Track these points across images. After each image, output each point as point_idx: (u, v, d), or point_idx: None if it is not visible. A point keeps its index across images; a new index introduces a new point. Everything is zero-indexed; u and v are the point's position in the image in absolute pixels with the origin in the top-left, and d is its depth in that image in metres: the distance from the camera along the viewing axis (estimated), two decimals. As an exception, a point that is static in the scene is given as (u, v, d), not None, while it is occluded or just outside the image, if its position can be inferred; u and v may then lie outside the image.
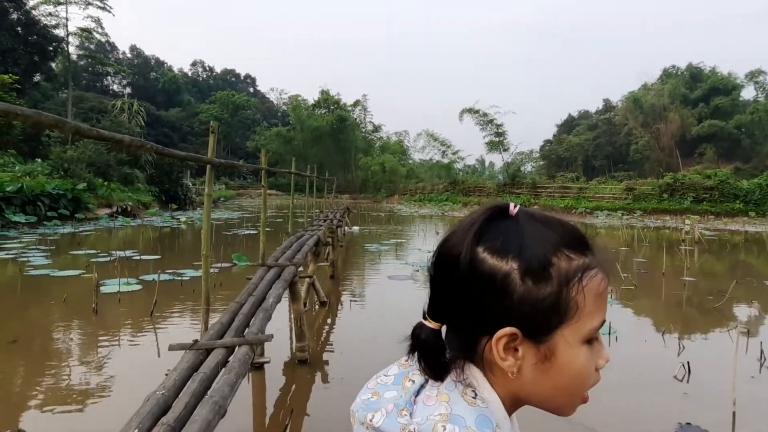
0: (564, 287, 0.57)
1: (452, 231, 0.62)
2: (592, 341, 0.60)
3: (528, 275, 0.56)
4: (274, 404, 3.64)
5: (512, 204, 0.61)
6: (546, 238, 0.58)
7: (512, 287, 0.56)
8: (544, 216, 0.61)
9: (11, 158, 22.01)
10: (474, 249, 0.58)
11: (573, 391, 0.61)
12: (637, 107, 51.04)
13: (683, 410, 3.56)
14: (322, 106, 60.89)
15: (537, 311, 0.57)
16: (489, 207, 0.61)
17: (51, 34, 37.80)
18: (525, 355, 0.59)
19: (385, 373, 0.67)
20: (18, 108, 1.77)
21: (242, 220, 20.98)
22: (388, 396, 0.62)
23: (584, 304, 0.57)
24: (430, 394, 0.60)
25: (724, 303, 6.72)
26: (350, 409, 0.64)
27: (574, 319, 0.58)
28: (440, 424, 0.55)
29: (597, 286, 0.59)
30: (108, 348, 4.78)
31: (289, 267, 4.67)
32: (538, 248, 0.57)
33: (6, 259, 9.42)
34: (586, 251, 0.60)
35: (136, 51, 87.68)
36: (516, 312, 0.57)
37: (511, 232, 0.58)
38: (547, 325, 0.57)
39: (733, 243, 15.56)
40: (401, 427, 0.56)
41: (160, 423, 1.77)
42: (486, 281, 0.57)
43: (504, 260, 0.57)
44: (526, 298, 0.56)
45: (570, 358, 0.59)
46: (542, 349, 0.58)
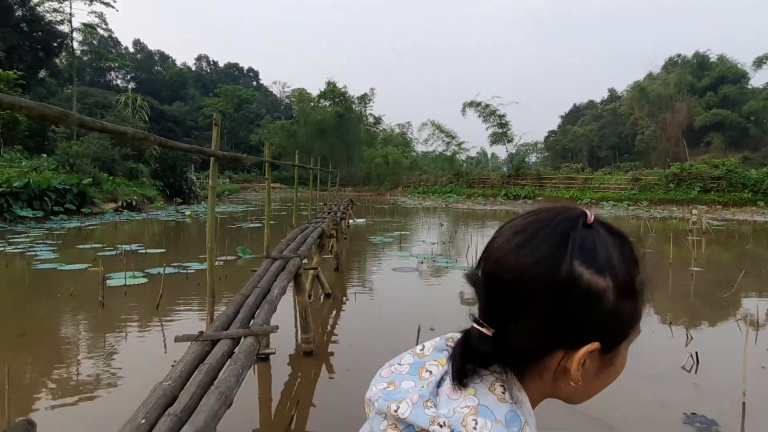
0: (640, 299, 0.59)
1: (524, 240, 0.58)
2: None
3: (620, 291, 0.57)
4: (279, 395, 3.65)
5: (589, 212, 0.60)
6: (627, 252, 0.59)
7: (606, 303, 0.56)
8: (612, 226, 0.61)
9: (18, 154, 22.12)
10: (572, 264, 0.55)
11: (600, 388, 0.64)
12: (643, 97, 50.60)
13: (691, 401, 3.54)
14: (328, 98, 60.67)
15: (620, 325, 0.59)
16: (573, 215, 0.58)
17: (55, 30, 37.83)
18: (589, 365, 0.59)
19: (399, 362, 0.66)
20: (22, 101, 1.75)
21: (246, 214, 21.03)
22: (406, 386, 0.60)
23: (642, 311, 0.60)
24: (454, 387, 0.59)
25: (732, 293, 6.67)
26: (366, 398, 0.62)
27: (637, 326, 0.61)
28: (470, 417, 0.54)
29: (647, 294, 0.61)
30: (115, 340, 4.81)
31: (293, 259, 4.67)
32: (626, 264, 0.58)
33: (14, 254, 9.48)
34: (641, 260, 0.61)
35: (139, 45, 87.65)
36: (602, 327, 0.58)
37: (600, 246, 0.58)
38: (622, 337, 0.60)
39: (741, 233, 15.45)
40: (430, 419, 0.54)
41: (167, 413, 1.78)
42: (582, 297, 0.56)
43: (602, 277, 0.56)
44: (615, 314, 0.57)
45: (621, 362, 0.62)
46: (605, 359, 0.60)
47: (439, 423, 0.54)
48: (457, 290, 7.00)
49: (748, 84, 49.55)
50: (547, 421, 3.17)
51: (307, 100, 61.90)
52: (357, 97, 61.15)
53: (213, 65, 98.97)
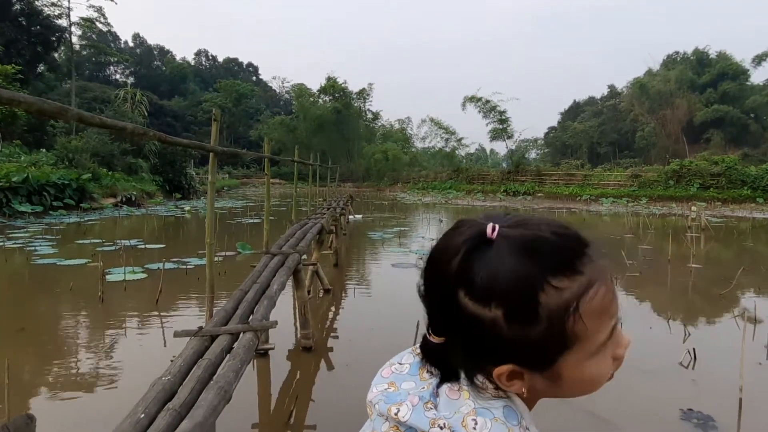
0: (557, 324, 0.52)
1: (434, 256, 0.58)
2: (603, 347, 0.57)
3: (515, 322, 0.52)
4: (279, 390, 3.67)
5: (490, 226, 0.54)
6: (529, 273, 0.51)
7: (499, 332, 0.52)
8: (525, 237, 0.53)
9: (16, 149, 22.09)
10: (454, 292, 0.54)
11: (587, 390, 0.60)
12: (643, 93, 50.50)
13: (689, 397, 3.55)
14: (329, 93, 60.50)
15: (532, 351, 0.53)
16: (468, 237, 0.54)
17: (54, 24, 37.67)
18: (533, 379, 0.57)
19: (399, 361, 0.66)
20: (21, 95, 1.76)
21: (246, 209, 21.02)
22: (406, 387, 0.61)
23: (585, 330, 0.53)
24: (452, 387, 0.59)
25: (730, 290, 6.69)
26: (367, 399, 0.62)
27: (576, 344, 0.54)
28: (470, 417, 0.55)
29: (599, 303, 0.54)
30: (114, 335, 4.82)
31: (292, 255, 4.68)
32: (521, 290, 0.51)
33: (13, 249, 9.48)
34: (580, 266, 0.53)
35: (139, 40, 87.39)
36: (510, 352, 0.54)
37: (491, 271, 0.52)
38: (546, 359, 0.55)
39: (740, 230, 15.47)
40: (430, 421, 0.55)
41: (166, 408, 1.78)
42: (472, 326, 0.53)
43: (487, 308, 0.52)
44: (517, 341, 0.53)
45: (579, 375, 0.56)
46: (548, 375, 0.56)
47: (439, 425, 0.54)
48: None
49: (748, 81, 49.47)
50: (543, 416, 3.18)
51: (306, 95, 61.71)
52: (355, 93, 60.97)
53: (212, 60, 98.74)
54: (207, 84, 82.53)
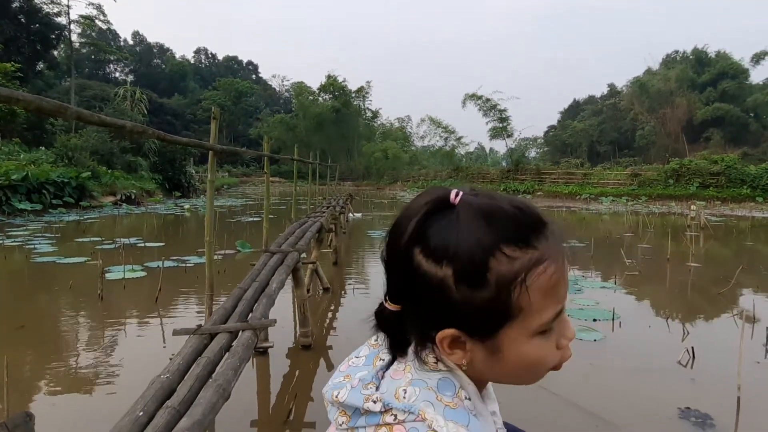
0: (503, 291, 0.53)
1: (399, 219, 0.59)
2: (547, 331, 0.57)
3: (463, 282, 0.53)
4: (278, 388, 3.67)
5: (454, 191, 0.56)
6: (483, 237, 0.53)
7: (448, 293, 0.54)
8: (486, 205, 0.54)
9: (16, 146, 22.06)
10: (411, 251, 0.55)
11: (530, 374, 0.60)
12: (643, 92, 50.50)
13: (687, 395, 3.56)
14: (328, 91, 60.44)
15: (476, 316, 0.54)
16: (430, 198, 0.57)
17: (53, 22, 37.66)
18: (474, 350, 0.57)
19: (356, 355, 0.67)
20: (19, 93, 1.75)
21: (245, 207, 21.01)
22: (359, 376, 0.62)
23: (530, 304, 0.54)
24: (398, 368, 0.61)
25: (729, 289, 6.69)
26: (321, 392, 0.64)
27: (519, 318, 0.55)
28: (402, 388, 0.56)
29: (546, 281, 0.55)
30: (113, 333, 4.82)
31: (292, 253, 4.68)
32: (474, 251, 0.52)
33: (12, 247, 9.48)
34: (534, 242, 0.55)
35: (138, 38, 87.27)
36: (455, 315, 0.55)
37: (447, 232, 0.54)
38: (489, 327, 0.55)
39: (740, 229, 15.47)
40: (365, 397, 0.57)
41: (165, 406, 1.79)
42: (423, 285, 0.55)
43: (438, 266, 0.54)
44: (463, 304, 0.54)
45: (518, 353, 0.57)
46: (489, 345, 0.57)
47: (372, 399, 0.56)
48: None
49: (747, 80, 49.48)
50: (540, 416, 3.19)
51: (306, 93, 61.67)
52: (354, 91, 60.93)
53: (212, 58, 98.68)
54: (207, 82, 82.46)
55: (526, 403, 3.24)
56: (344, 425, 0.58)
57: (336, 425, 0.60)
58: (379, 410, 0.55)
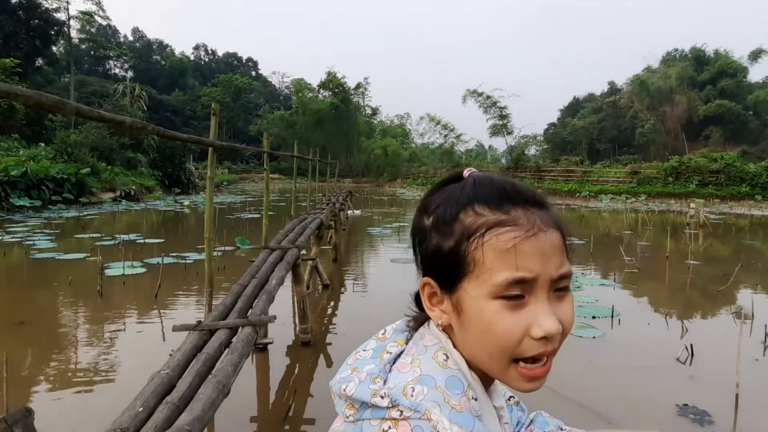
0: (464, 242, 0.58)
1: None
2: (514, 300, 0.56)
3: (436, 229, 0.61)
4: (277, 385, 3.68)
5: (467, 170, 0.65)
6: (462, 195, 0.60)
7: (428, 241, 0.62)
8: (484, 176, 0.62)
9: (15, 142, 22.03)
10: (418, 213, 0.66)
11: (491, 349, 0.58)
12: (643, 90, 50.42)
13: (685, 392, 3.57)
14: (328, 88, 60.33)
15: (442, 263, 0.60)
16: (449, 175, 0.66)
17: (52, 18, 37.54)
18: (447, 307, 0.62)
19: (364, 348, 0.69)
20: (18, 88, 1.75)
21: (245, 204, 21.01)
22: (367, 369, 0.63)
23: (482, 260, 0.57)
24: (404, 362, 0.62)
25: (728, 286, 6.70)
26: (329, 384, 0.65)
27: (474, 273, 0.58)
28: (410, 386, 0.56)
29: (502, 242, 0.56)
30: (113, 330, 4.83)
31: (291, 250, 4.68)
32: (450, 204, 0.61)
33: (12, 243, 9.48)
34: (508, 207, 0.58)
35: (138, 34, 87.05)
36: (429, 264, 0.62)
37: (446, 194, 0.63)
38: (451, 276, 0.60)
39: (739, 227, 15.49)
40: (372, 392, 0.57)
41: (165, 402, 1.79)
42: (414, 236, 0.65)
43: (427, 217, 0.63)
44: (435, 251, 0.61)
45: (476, 312, 0.58)
46: (453, 300, 0.61)
47: (380, 395, 0.56)
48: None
49: (746, 78, 49.44)
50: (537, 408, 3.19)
51: (306, 90, 61.56)
52: (353, 88, 60.83)
53: (212, 54, 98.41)
54: (206, 78, 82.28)
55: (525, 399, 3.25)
56: (351, 417, 0.59)
57: (343, 417, 0.61)
58: (386, 405, 0.56)
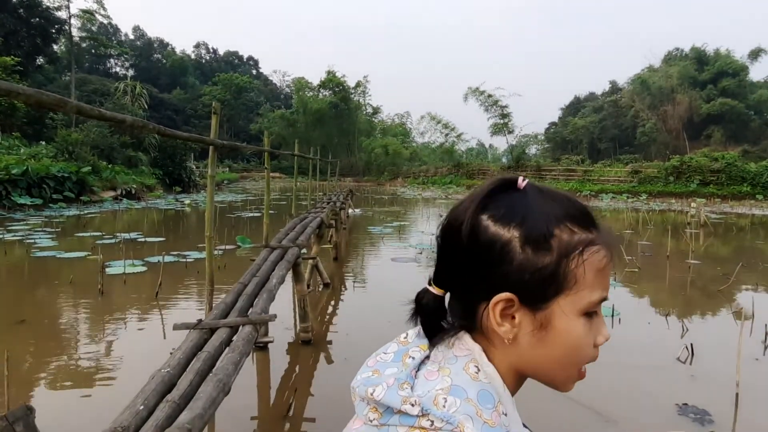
0: (564, 258, 0.57)
1: (461, 200, 0.63)
2: (592, 316, 0.60)
3: (528, 243, 0.57)
4: (278, 383, 3.68)
5: (521, 177, 0.61)
6: (551, 210, 0.58)
7: (512, 255, 0.57)
8: (552, 190, 0.61)
9: (16, 141, 22.04)
10: (477, 216, 0.59)
11: (568, 363, 0.61)
12: (644, 89, 50.36)
13: (686, 392, 3.57)
14: (328, 87, 60.28)
15: (535, 279, 0.57)
16: (498, 178, 0.62)
17: (53, 16, 37.47)
18: (522, 322, 0.59)
19: (384, 351, 0.67)
20: (20, 87, 1.75)
21: (246, 203, 21.02)
22: (389, 373, 0.61)
23: (583, 277, 0.57)
24: (431, 369, 0.60)
25: (728, 286, 6.70)
26: (351, 386, 0.64)
27: (573, 290, 0.57)
28: (441, 396, 0.55)
29: (598, 261, 0.58)
30: (114, 328, 4.83)
31: (292, 248, 4.68)
32: (542, 218, 0.58)
33: (12, 241, 9.49)
34: (591, 227, 0.60)
35: (139, 32, 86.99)
36: (514, 279, 0.57)
37: (517, 203, 0.59)
38: (544, 293, 0.58)
39: (740, 226, 15.47)
40: (402, 399, 0.56)
41: (166, 400, 1.79)
42: (487, 248, 0.58)
43: (506, 228, 0.58)
44: (525, 266, 0.57)
45: (566, 329, 0.58)
46: (539, 317, 0.58)
47: (410, 402, 0.55)
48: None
49: (747, 77, 49.38)
50: (541, 411, 3.20)
51: (306, 89, 61.51)
52: (352, 87, 60.74)
53: (213, 53, 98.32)
54: (207, 77, 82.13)
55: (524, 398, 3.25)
56: (375, 421, 0.58)
57: (365, 420, 0.59)
58: (416, 414, 0.55)
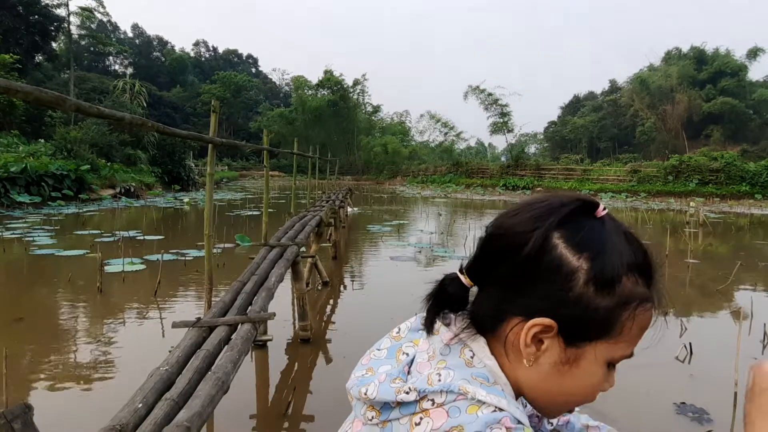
0: (620, 307, 0.56)
1: (523, 207, 0.60)
2: (610, 367, 0.60)
3: (594, 281, 0.55)
4: (277, 382, 3.68)
5: (602, 205, 0.59)
6: (624, 253, 0.57)
7: (573, 285, 0.55)
8: (628, 230, 0.59)
9: (15, 138, 21.98)
10: (550, 232, 0.56)
11: (572, 401, 0.61)
12: (644, 88, 50.38)
13: (684, 391, 3.58)
14: (326, 87, 60.24)
15: (585, 317, 0.56)
16: (578, 198, 0.59)
17: (52, 14, 37.37)
18: (549, 350, 0.58)
19: (378, 347, 0.67)
20: (18, 84, 1.74)
21: (245, 201, 21.00)
22: (382, 371, 0.61)
23: (629, 331, 0.57)
24: (421, 361, 0.60)
25: (727, 285, 6.71)
26: (346, 387, 0.63)
27: (614, 339, 0.57)
28: (434, 374, 0.55)
29: (646, 319, 0.58)
30: (113, 326, 4.83)
31: (291, 247, 4.68)
32: (614, 260, 0.56)
33: (11, 239, 9.47)
34: (652, 284, 0.59)
35: (138, 30, 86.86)
36: (564, 309, 0.56)
37: (594, 234, 0.57)
38: (587, 334, 0.57)
39: (739, 225, 15.49)
40: (395, 390, 0.56)
41: (164, 398, 1.79)
42: (548, 268, 0.56)
43: (576, 256, 0.56)
44: (581, 302, 0.55)
45: (589, 372, 0.59)
46: (569, 353, 0.58)
47: (404, 390, 0.55)
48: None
49: (746, 77, 49.40)
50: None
51: (305, 87, 61.46)
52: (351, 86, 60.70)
53: (213, 51, 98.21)
54: (206, 75, 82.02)
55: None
56: (374, 420, 0.58)
57: (364, 420, 0.59)
58: (414, 399, 0.54)
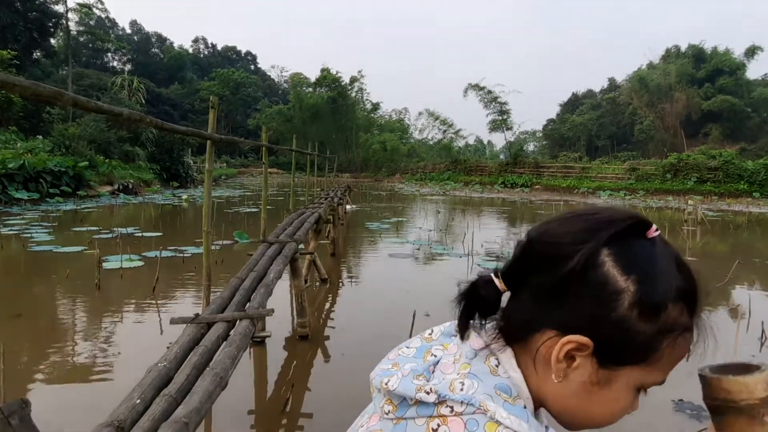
0: (662, 335, 0.54)
1: (571, 217, 0.58)
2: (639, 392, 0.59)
3: (639, 305, 0.53)
4: (275, 378, 3.68)
5: (654, 226, 0.57)
6: (674, 279, 0.55)
7: (617, 306, 0.53)
8: (678, 255, 0.58)
9: (12, 135, 21.91)
10: (599, 248, 0.54)
11: (596, 421, 0.60)
12: (643, 87, 50.39)
13: (682, 388, 3.58)
14: (323, 85, 60.12)
15: (625, 341, 0.54)
16: (630, 216, 0.57)
17: (50, 10, 37.22)
18: (580, 369, 0.56)
19: (407, 345, 0.66)
20: (16, 79, 1.73)
21: (243, 198, 20.98)
22: (408, 367, 0.60)
23: (667, 360, 0.56)
24: (446, 362, 0.59)
25: (725, 283, 6.72)
26: (369, 377, 0.63)
27: (650, 366, 0.56)
28: (458, 381, 0.54)
29: (684, 350, 0.57)
30: (111, 322, 4.83)
31: (290, 243, 4.67)
32: (663, 286, 0.54)
33: (9, 236, 9.45)
34: (695, 313, 0.58)
35: (136, 27, 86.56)
36: (603, 329, 0.54)
37: (645, 255, 0.55)
38: (624, 357, 0.55)
39: (737, 224, 15.52)
40: (417, 387, 0.55)
41: (162, 394, 1.79)
42: (593, 285, 0.54)
43: (624, 276, 0.54)
44: (623, 324, 0.53)
45: (619, 396, 0.57)
46: (602, 374, 0.56)
47: (425, 390, 0.54)
48: (452, 277, 7.02)
49: (744, 75, 49.44)
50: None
51: (304, 84, 61.35)
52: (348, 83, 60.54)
53: (211, 48, 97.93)
54: (205, 72, 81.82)
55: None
56: (390, 414, 0.57)
57: (381, 413, 0.58)
58: (433, 401, 0.54)
